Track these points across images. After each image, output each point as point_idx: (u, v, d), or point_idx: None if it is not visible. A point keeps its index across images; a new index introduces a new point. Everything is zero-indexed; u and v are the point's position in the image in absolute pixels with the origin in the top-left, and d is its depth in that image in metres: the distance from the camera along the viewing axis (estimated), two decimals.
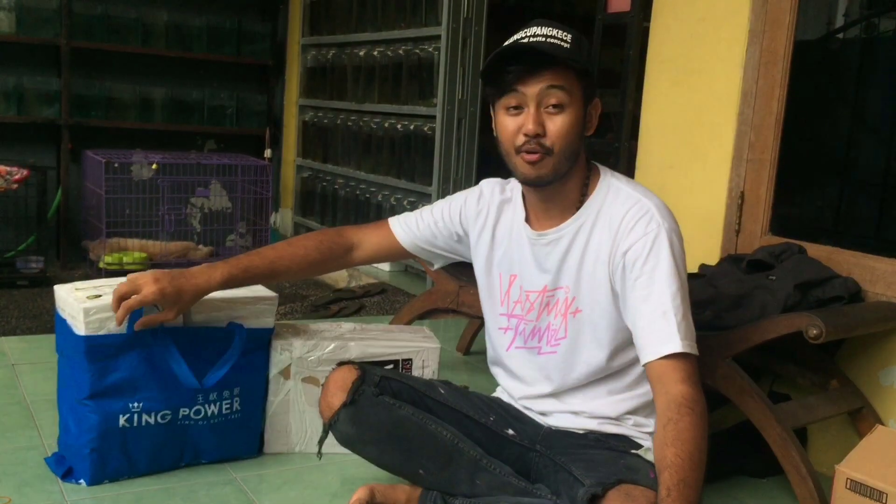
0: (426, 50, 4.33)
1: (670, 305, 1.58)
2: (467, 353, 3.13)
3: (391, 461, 1.81)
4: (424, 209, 2.00)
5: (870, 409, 2.20)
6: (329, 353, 2.07)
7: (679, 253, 1.65)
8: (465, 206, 1.92)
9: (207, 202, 5.00)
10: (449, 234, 1.95)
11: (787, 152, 2.50)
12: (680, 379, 1.54)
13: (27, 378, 2.54)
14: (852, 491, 1.74)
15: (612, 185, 1.73)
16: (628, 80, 3.01)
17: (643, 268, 1.62)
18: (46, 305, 3.85)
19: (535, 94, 1.62)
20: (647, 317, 1.60)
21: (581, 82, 1.65)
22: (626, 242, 1.65)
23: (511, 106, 1.65)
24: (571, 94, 1.63)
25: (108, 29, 5.09)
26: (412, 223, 1.98)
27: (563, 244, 1.74)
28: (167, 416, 1.92)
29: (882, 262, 2.21)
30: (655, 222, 1.64)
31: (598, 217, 1.71)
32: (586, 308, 1.73)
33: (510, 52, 1.64)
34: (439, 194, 4.17)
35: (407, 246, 1.99)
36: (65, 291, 1.91)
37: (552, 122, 1.64)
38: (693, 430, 1.48)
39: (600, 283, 1.70)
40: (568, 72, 1.62)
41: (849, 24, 3.94)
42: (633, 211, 1.67)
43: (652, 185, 2.79)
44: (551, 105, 1.63)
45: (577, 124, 1.66)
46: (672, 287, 1.60)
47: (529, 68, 1.62)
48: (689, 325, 1.61)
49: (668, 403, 1.52)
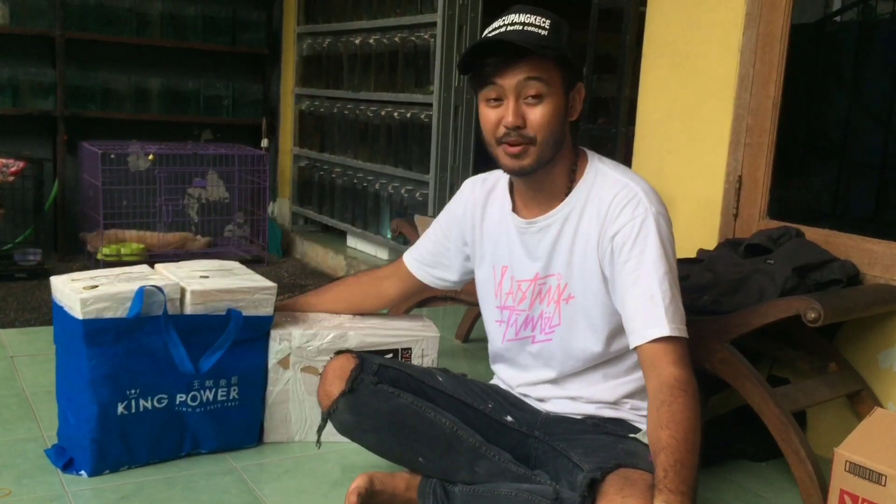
0: (422, 37, 4.31)
1: (658, 290, 1.59)
2: (466, 341, 3.13)
3: (390, 449, 1.81)
4: (430, 228, 2.03)
5: (868, 391, 2.20)
6: (328, 342, 2.06)
7: (667, 236, 1.65)
8: (455, 213, 1.94)
9: (205, 192, 5.00)
10: (456, 247, 1.96)
11: (785, 136, 2.50)
12: (670, 361, 1.55)
13: (26, 370, 2.54)
14: (851, 473, 1.74)
15: (600, 171, 1.73)
16: (625, 66, 3.01)
17: (631, 252, 1.63)
18: (45, 297, 3.86)
19: (513, 86, 1.62)
20: (635, 301, 1.61)
21: (561, 69, 1.64)
22: (613, 227, 1.66)
23: (491, 98, 1.65)
24: (550, 83, 1.63)
25: (102, 19, 5.07)
26: (421, 250, 2.02)
27: (552, 231, 1.74)
28: (164, 400, 1.92)
29: (880, 245, 2.20)
30: (643, 206, 1.65)
31: (586, 202, 1.71)
32: (579, 294, 1.73)
33: (486, 44, 1.63)
34: (436, 182, 4.16)
35: (420, 277, 2.03)
36: (61, 282, 1.91)
37: (532, 112, 1.63)
38: (687, 412, 1.49)
39: (591, 269, 1.70)
40: (546, 61, 1.61)
41: (846, 6, 3.93)
42: (621, 195, 1.67)
43: (650, 169, 2.79)
44: (530, 96, 1.62)
45: (558, 112, 1.65)
46: (660, 271, 1.60)
47: (506, 60, 1.61)
48: (678, 308, 1.61)
49: (660, 386, 1.53)
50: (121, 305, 1.84)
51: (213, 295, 1.94)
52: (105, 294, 1.82)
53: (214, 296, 1.94)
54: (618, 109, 3.06)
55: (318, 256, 5.10)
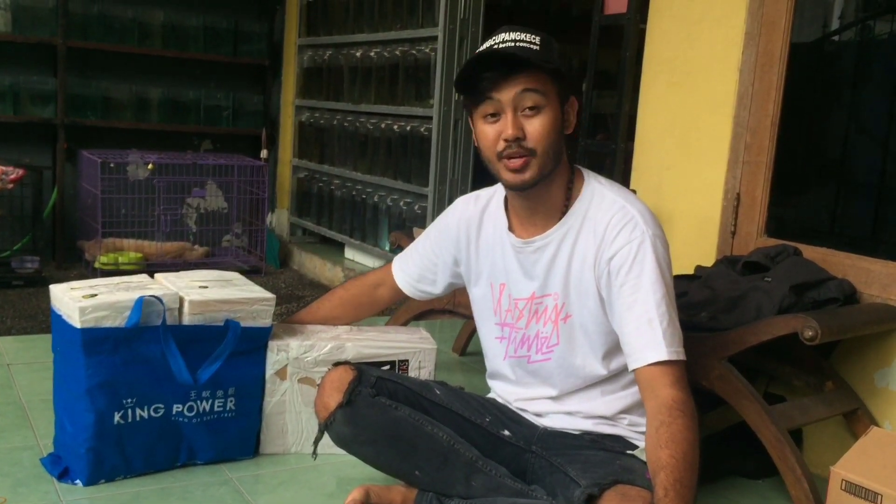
0: (423, 51, 4.33)
1: (655, 313, 1.60)
2: (463, 354, 3.13)
3: (387, 462, 1.81)
4: (418, 240, 2.04)
5: (865, 410, 2.20)
6: (325, 353, 2.06)
7: (664, 259, 1.66)
8: (447, 230, 1.94)
9: (203, 202, 5.00)
10: (444, 264, 1.97)
11: (783, 154, 2.51)
12: (668, 383, 1.56)
13: (22, 378, 2.53)
14: (847, 492, 1.74)
15: (597, 191, 1.73)
16: (625, 82, 3.02)
17: (628, 275, 1.63)
18: (42, 305, 3.85)
19: (510, 99, 1.63)
20: (632, 324, 1.61)
21: (555, 82, 1.66)
22: (610, 249, 1.66)
23: (488, 114, 1.66)
24: (546, 95, 1.64)
25: (104, 28, 5.08)
26: (408, 262, 2.04)
27: (549, 251, 1.74)
28: (160, 410, 1.92)
29: (877, 264, 2.21)
30: (640, 229, 1.65)
31: (583, 223, 1.71)
32: (576, 313, 1.73)
33: (481, 60, 1.64)
34: (435, 195, 4.17)
35: (405, 288, 2.05)
36: (60, 291, 1.91)
37: (530, 124, 1.64)
38: (686, 432, 1.50)
39: (588, 289, 1.71)
40: (541, 73, 1.63)
41: (844, 26, 3.96)
42: (618, 217, 1.67)
43: (648, 186, 2.80)
44: (527, 108, 1.64)
45: (555, 124, 1.67)
46: (657, 294, 1.61)
47: (502, 74, 1.63)
48: (676, 330, 1.62)
49: (659, 407, 1.54)
50: (119, 315, 1.84)
51: (211, 305, 1.94)
52: (104, 303, 1.82)
53: (213, 306, 1.94)
54: (617, 125, 3.07)
55: (316, 268, 5.10)
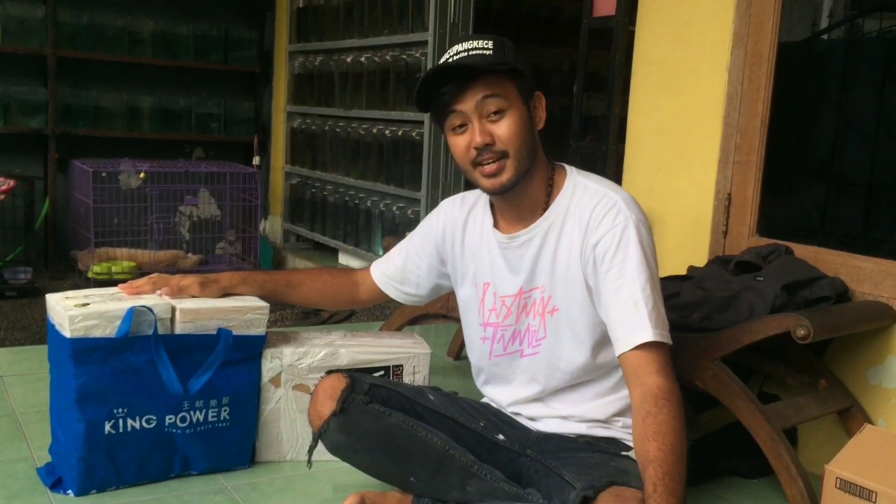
0: (413, 56, 4.33)
1: (640, 296, 1.61)
2: (457, 359, 3.12)
3: (382, 469, 1.81)
4: (402, 243, 2.04)
5: (858, 408, 2.20)
6: (320, 360, 2.06)
7: (648, 243, 1.67)
8: (433, 232, 1.95)
9: (196, 210, 4.99)
10: (430, 265, 1.97)
11: (774, 154, 2.52)
12: (654, 370, 1.57)
13: (16, 389, 2.52)
14: (842, 490, 1.74)
15: (579, 183, 1.75)
16: (615, 84, 3.02)
17: (613, 260, 1.65)
18: (35, 316, 3.84)
19: (473, 108, 1.65)
20: (618, 308, 1.63)
21: (515, 82, 1.68)
22: (595, 235, 1.68)
23: (456, 126, 1.69)
24: (508, 97, 1.66)
25: (94, 38, 5.08)
26: (390, 265, 2.04)
27: (534, 244, 1.75)
28: (152, 421, 1.91)
29: (868, 262, 2.22)
30: (623, 215, 1.67)
31: (567, 214, 1.73)
32: (563, 306, 1.74)
33: (436, 75, 1.67)
34: (428, 199, 4.17)
35: (386, 290, 2.05)
36: (55, 300, 1.91)
37: (498, 128, 1.67)
38: (673, 422, 1.51)
39: (574, 280, 1.72)
40: (498, 77, 1.65)
41: (833, 25, 3.97)
42: (601, 205, 1.69)
43: (640, 187, 2.81)
44: (492, 113, 1.66)
45: (524, 123, 1.68)
46: (641, 277, 1.62)
47: (460, 85, 1.65)
48: (661, 314, 1.63)
49: (645, 396, 1.55)
50: (110, 324, 1.83)
51: (203, 314, 1.93)
52: (94, 312, 1.82)
53: (205, 314, 1.93)
54: (608, 127, 3.08)
55: None
